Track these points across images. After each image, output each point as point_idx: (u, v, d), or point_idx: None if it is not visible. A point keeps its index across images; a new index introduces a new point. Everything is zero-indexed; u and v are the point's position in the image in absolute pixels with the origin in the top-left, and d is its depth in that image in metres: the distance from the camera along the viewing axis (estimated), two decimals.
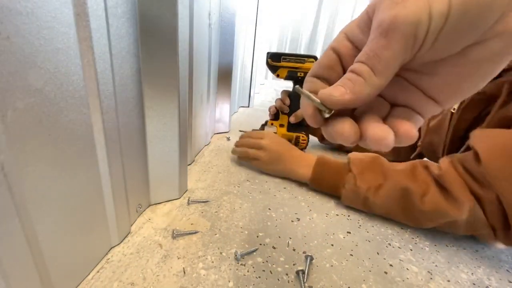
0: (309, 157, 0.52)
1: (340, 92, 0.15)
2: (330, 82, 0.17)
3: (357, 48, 0.17)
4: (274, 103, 0.70)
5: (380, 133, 0.15)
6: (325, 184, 0.48)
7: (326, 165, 0.48)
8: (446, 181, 0.37)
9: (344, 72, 0.17)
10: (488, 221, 0.35)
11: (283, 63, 0.62)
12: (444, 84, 0.16)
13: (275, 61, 0.62)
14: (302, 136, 0.67)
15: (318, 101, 0.16)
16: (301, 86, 0.58)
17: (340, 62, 0.18)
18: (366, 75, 0.14)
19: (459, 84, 0.15)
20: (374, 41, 0.14)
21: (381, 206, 0.42)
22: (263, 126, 0.70)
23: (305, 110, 0.17)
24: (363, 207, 0.44)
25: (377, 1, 0.15)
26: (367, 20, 0.16)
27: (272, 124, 0.69)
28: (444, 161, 0.39)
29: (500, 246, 0.39)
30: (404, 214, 0.41)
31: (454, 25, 0.13)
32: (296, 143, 0.66)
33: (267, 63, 0.64)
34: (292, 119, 0.66)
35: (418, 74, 0.16)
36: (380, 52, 0.14)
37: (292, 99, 0.66)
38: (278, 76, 0.64)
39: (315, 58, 0.61)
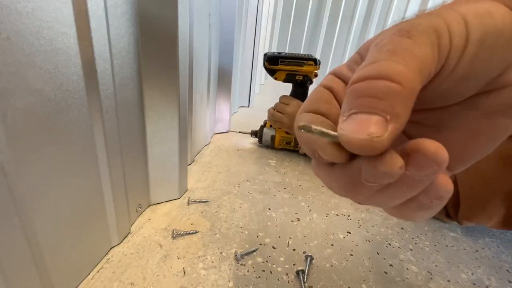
0: None
1: (378, 125, 0.09)
2: (329, 117, 0.13)
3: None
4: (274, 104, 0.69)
5: (440, 150, 0.10)
6: None
7: None
8: None
9: (341, 106, 0.13)
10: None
11: (281, 66, 0.60)
12: (453, 141, 0.13)
13: (273, 64, 0.60)
14: None
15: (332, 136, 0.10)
16: (300, 87, 0.56)
17: (334, 97, 0.14)
18: (402, 79, 0.09)
19: (471, 142, 0.13)
20: (396, 41, 0.10)
21: None
22: (262, 127, 0.70)
23: (324, 149, 0.11)
24: None
25: (372, 38, 0.13)
26: (358, 60, 0.14)
27: (271, 126, 0.68)
28: None
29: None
30: None
31: (475, 51, 0.11)
32: (296, 144, 0.66)
33: (264, 66, 0.62)
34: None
35: (424, 127, 0.14)
36: (409, 47, 0.10)
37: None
38: (276, 79, 0.62)
39: (314, 60, 0.59)
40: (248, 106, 1.18)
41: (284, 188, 0.50)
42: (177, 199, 0.43)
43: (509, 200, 0.36)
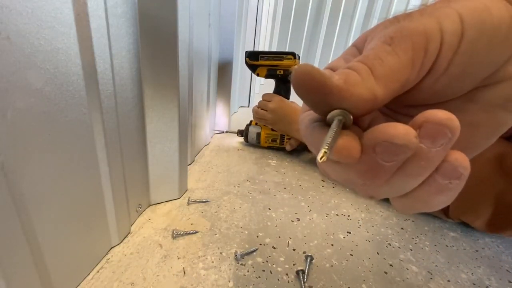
0: None
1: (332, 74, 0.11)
2: None
3: None
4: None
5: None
6: None
7: None
8: None
9: None
10: None
11: (261, 62, 0.62)
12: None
13: (253, 60, 0.62)
14: (287, 135, 0.67)
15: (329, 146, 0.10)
16: (282, 83, 0.56)
17: None
18: (364, 74, 0.11)
19: (470, 135, 0.13)
20: (375, 47, 0.11)
21: None
22: (247, 126, 0.70)
23: (343, 147, 0.11)
24: None
25: (368, 31, 0.13)
26: (355, 52, 0.14)
27: (256, 123, 0.68)
28: None
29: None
30: None
31: (471, 48, 0.11)
32: (281, 142, 0.66)
33: (246, 63, 0.63)
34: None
35: None
36: (383, 55, 0.11)
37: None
38: (258, 75, 0.64)
39: (293, 54, 0.60)
40: (248, 106, 1.18)
41: (284, 188, 0.50)
42: (177, 199, 0.43)
43: (498, 202, 0.36)
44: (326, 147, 0.10)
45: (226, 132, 0.80)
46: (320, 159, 0.10)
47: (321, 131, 0.12)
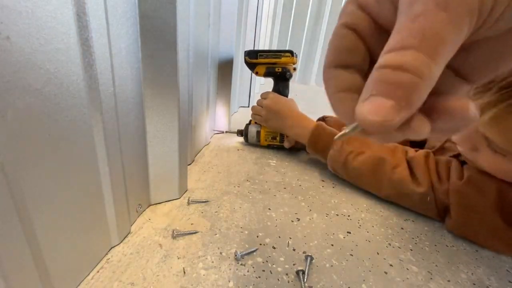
0: (307, 120, 0.60)
1: (392, 110, 0.10)
2: (358, 70, 0.13)
3: (377, 23, 0.13)
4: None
5: (460, 104, 0.11)
6: (319, 146, 0.55)
7: (323, 130, 0.56)
8: (413, 162, 0.46)
9: (371, 54, 0.13)
10: (437, 209, 0.43)
11: (260, 60, 0.62)
12: (480, 62, 0.12)
13: (252, 58, 0.63)
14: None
15: (352, 128, 0.11)
16: (280, 81, 0.56)
17: (362, 41, 0.13)
18: (425, 69, 0.10)
19: (497, 62, 0.12)
20: (428, 15, 0.10)
21: (355, 168, 0.49)
22: (247, 125, 0.69)
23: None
24: (342, 169, 0.52)
25: None
26: None
27: (255, 123, 0.68)
28: (421, 152, 0.47)
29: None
30: (371, 179, 0.48)
31: None
32: (281, 139, 0.66)
33: (245, 61, 0.64)
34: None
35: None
36: (442, 29, 0.09)
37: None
38: (257, 73, 0.64)
39: (290, 52, 0.61)
40: (248, 106, 1.17)
41: (284, 188, 0.50)
42: (177, 199, 0.43)
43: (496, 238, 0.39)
44: (346, 133, 0.11)
45: (226, 132, 0.80)
46: (336, 137, 0.11)
47: (352, 105, 0.12)
